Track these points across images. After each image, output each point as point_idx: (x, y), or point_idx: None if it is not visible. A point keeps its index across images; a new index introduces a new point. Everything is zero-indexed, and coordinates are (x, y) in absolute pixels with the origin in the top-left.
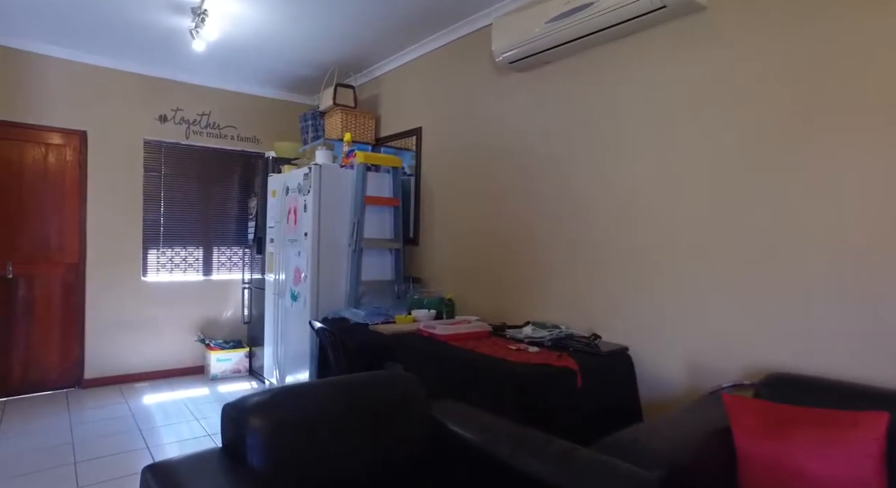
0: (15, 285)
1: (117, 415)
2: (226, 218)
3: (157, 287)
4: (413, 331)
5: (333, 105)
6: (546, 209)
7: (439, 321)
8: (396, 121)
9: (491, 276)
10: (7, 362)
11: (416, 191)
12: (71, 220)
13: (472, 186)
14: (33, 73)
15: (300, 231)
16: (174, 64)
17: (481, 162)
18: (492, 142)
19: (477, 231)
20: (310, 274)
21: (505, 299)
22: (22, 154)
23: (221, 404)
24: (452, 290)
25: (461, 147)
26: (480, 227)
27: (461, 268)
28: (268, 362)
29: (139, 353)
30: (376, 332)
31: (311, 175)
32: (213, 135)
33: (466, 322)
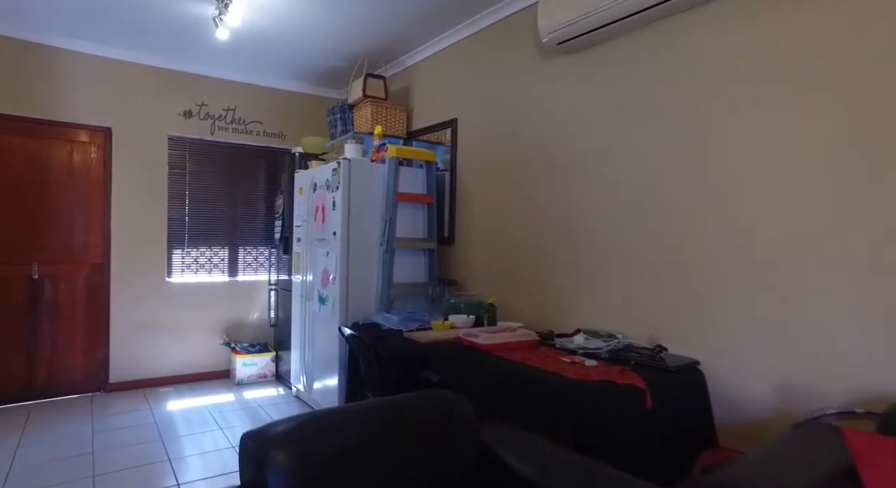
0: (41, 286)
1: (140, 423)
2: (252, 217)
3: (181, 288)
4: (452, 339)
5: (363, 97)
6: (597, 206)
7: (481, 328)
8: (429, 113)
9: (534, 279)
10: (33, 365)
11: (452, 186)
12: (96, 220)
13: (512, 181)
14: (57, 69)
15: (328, 230)
16: (199, 57)
17: (523, 155)
18: (534, 134)
19: (518, 229)
20: (339, 275)
21: (550, 304)
22: (48, 152)
23: (247, 411)
24: (491, 294)
25: (500, 139)
26: (522, 226)
27: (500, 270)
28: (295, 367)
29: (164, 357)
30: (411, 340)
31: (340, 170)
32: (239, 130)
33: (511, 330)
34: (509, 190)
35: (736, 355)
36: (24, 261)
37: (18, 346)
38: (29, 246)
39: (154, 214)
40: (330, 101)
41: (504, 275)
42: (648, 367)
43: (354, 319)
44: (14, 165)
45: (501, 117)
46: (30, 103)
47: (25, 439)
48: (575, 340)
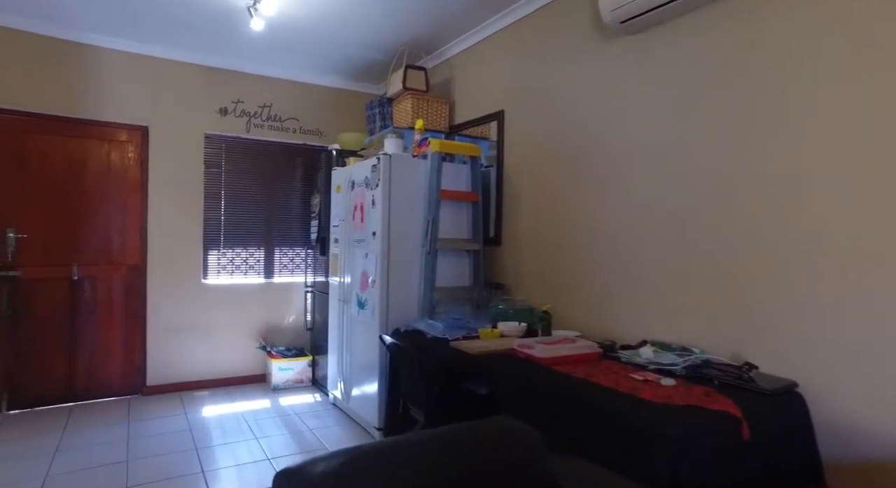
0: (80, 287)
1: (175, 429)
2: (288, 216)
3: (217, 290)
4: (506, 350)
5: (403, 89)
6: (662, 204)
7: (535, 339)
8: (473, 106)
9: (589, 284)
10: (73, 366)
11: (498, 184)
12: (133, 220)
13: (565, 178)
14: (95, 67)
15: (367, 230)
16: (235, 52)
17: (576, 149)
18: (590, 126)
19: (571, 230)
20: (379, 278)
21: (607, 312)
22: (86, 151)
23: (283, 419)
24: (540, 299)
25: (552, 132)
26: (576, 226)
27: (551, 274)
28: (332, 373)
29: (199, 360)
30: (459, 351)
31: (380, 166)
32: (275, 128)
33: (569, 341)
34: (561, 187)
35: (843, 377)
36: (65, 261)
37: (60, 348)
38: (69, 246)
39: (190, 214)
40: (367, 97)
41: (555, 279)
42: (736, 388)
43: (395, 325)
44: (55, 165)
45: (553, 108)
46: (68, 103)
47: (64, 443)
48: (642, 353)
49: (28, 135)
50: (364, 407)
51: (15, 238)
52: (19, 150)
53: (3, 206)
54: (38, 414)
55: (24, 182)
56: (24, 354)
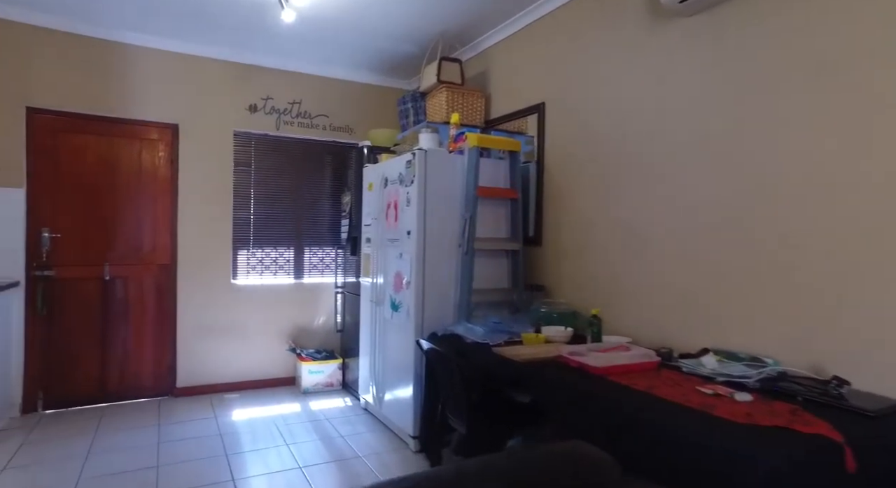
0: (112, 287)
1: (205, 433)
2: (317, 216)
3: (247, 290)
4: (554, 358)
5: (437, 82)
6: (723, 202)
7: (586, 345)
8: (510, 99)
9: (640, 287)
10: (106, 367)
11: (538, 180)
12: (163, 220)
13: (615, 173)
14: (125, 65)
15: (402, 229)
16: (264, 47)
17: (629, 142)
18: (644, 117)
19: (619, 229)
20: (414, 280)
21: (661, 317)
22: (117, 150)
23: (314, 425)
24: (585, 302)
25: (600, 124)
26: (625, 225)
27: (598, 276)
28: (363, 377)
29: (229, 362)
30: (503, 358)
31: (416, 162)
32: (305, 125)
33: (624, 348)
34: (610, 184)
35: None
36: (97, 261)
37: (93, 348)
38: (101, 246)
39: (220, 214)
40: (398, 93)
41: (601, 281)
42: (825, 407)
43: (431, 329)
44: (87, 165)
45: (601, 99)
46: (100, 101)
47: (96, 446)
48: (706, 363)
49: (61, 134)
50: (397, 413)
51: (49, 238)
52: (53, 150)
53: (39, 206)
54: (72, 415)
55: (58, 182)
56: (58, 354)
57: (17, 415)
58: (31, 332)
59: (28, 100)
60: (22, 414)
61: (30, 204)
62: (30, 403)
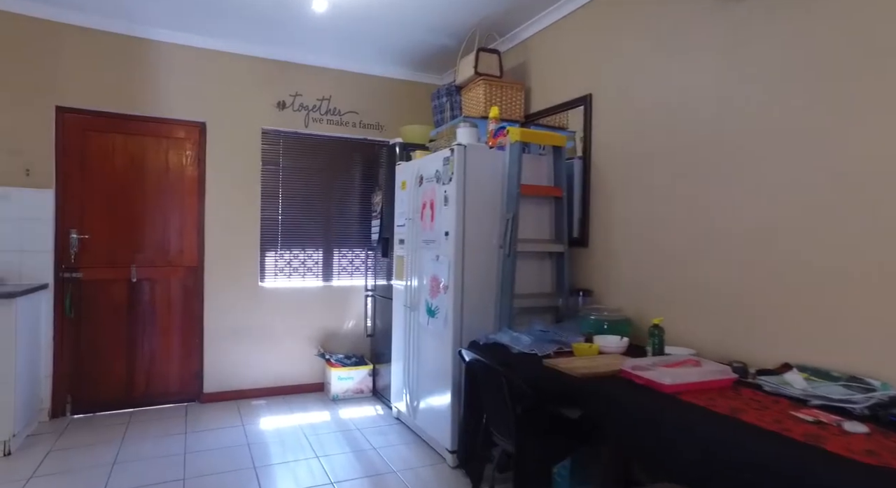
0: (139, 289)
1: (233, 443)
2: (347, 216)
3: (275, 293)
4: (614, 373)
5: (475, 75)
6: (806, 197)
7: (649, 359)
8: (552, 91)
9: (705, 293)
10: (133, 371)
11: (585, 177)
12: (190, 221)
13: (670, 169)
14: (152, 62)
15: (439, 230)
16: (293, 42)
17: (692, 133)
18: (708, 105)
19: (684, 229)
20: (452, 284)
21: (726, 325)
22: (145, 149)
23: (345, 435)
24: (639, 308)
25: (654, 115)
26: (683, 225)
27: (653, 280)
28: (395, 384)
29: (257, 367)
30: (555, 371)
31: (454, 158)
32: (334, 122)
33: (694, 363)
34: (667, 179)
35: None
36: (124, 263)
37: (121, 352)
38: (128, 248)
39: (247, 214)
40: (430, 88)
41: (658, 286)
42: None
43: (471, 336)
44: (114, 165)
45: (656, 86)
46: (128, 100)
47: (122, 454)
48: (793, 382)
49: (89, 134)
50: (433, 425)
51: (77, 239)
52: (81, 150)
53: (67, 207)
54: (99, 420)
55: (86, 182)
56: (86, 358)
57: (46, 420)
58: (59, 335)
59: (57, 99)
60: (51, 418)
61: (58, 205)
62: (58, 407)
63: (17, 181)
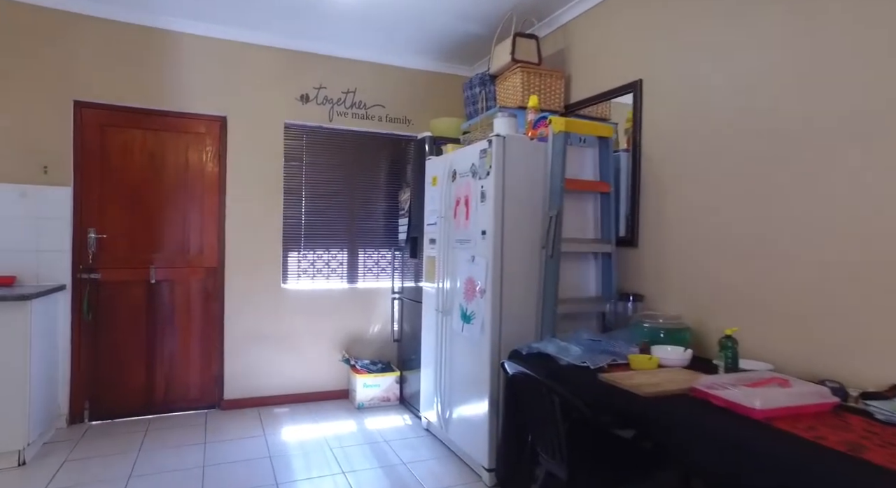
0: (158, 291)
1: (254, 455)
2: (372, 214)
3: (297, 296)
4: (684, 392)
5: (512, 62)
6: None
7: (725, 376)
8: (595, 79)
9: (778, 296)
10: (152, 376)
11: (633, 171)
12: (210, 219)
13: (736, 160)
14: (172, 54)
15: (474, 228)
16: (316, 33)
17: (757, 118)
18: (778, 86)
19: (749, 226)
20: (490, 287)
21: (813, 337)
22: (164, 145)
23: (372, 448)
24: (700, 315)
25: (718, 100)
26: (758, 220)
27: (718, 284)
28: (425, 393)
29: (279, 373)
30: (615, 387)
31: (492, 150)
32: (359, 115)
33: (780, 382)
34: (732, 170)
35: None
36: (143, 264)
37: (139, 356)
38: (147, 248)
39: (269, 212)
40: (459, 81)
41: (723, 291)
42: None
43: (510, 344)
44: (133, 161)
45: (720, 68)
46: (146, 93)
47: (139, 466)
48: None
49: (107, 129)
50: (468, 439)
51: (95, 239)
52: (99, 146)
53: (85, 206)
54: (117, 427)
55: (104, 179)
56: (104, 362)
57: (64, 426)
58: (76, 339)
59: (75, 93)
60: (69, 424)
61: (76, 203)
62: (77, 413)
63: (35, 179)
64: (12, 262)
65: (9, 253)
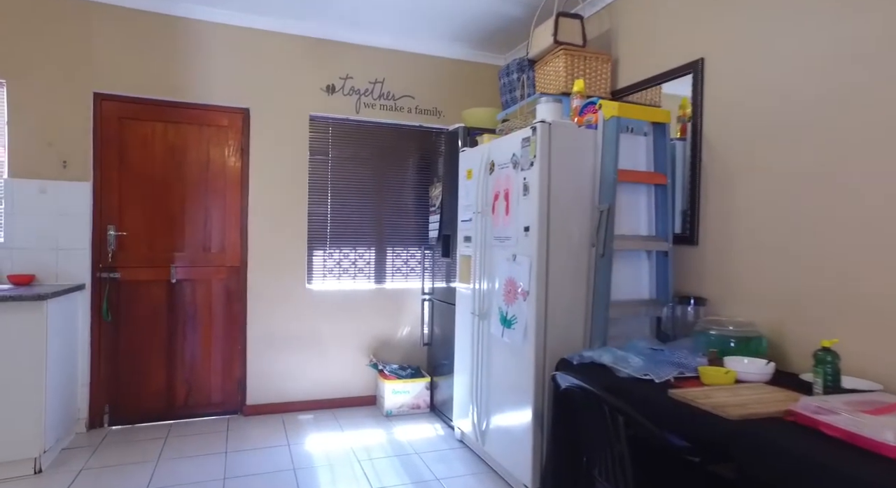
0: (180, 291)
1: (277, 467)
2: (401, 211)
3: (323, 297)
4: (779, 415)
5: (554, 44)
6: None
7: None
8: (646, 61)
9: (883, 301)
10: (173, 380)
11: (694, 160)
12: (233, 216)
13: (829, 143)
14: (193, 43)
15: (515, 224)
16: (343, 19)
17: (858, 94)
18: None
19: (842, 219)
20: (534, 289)
21: None
22: (184, 139)
23: (402, 461)
24: (771, 321)
25: (801, 78)
26: (852, 212)
27: (795, 284)
28: (459, 402)
29: (303, 377)
30: (688, 406)
31: (537, 138)
32: (388, 107)
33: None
34: (817, 158)
35: None
36: (164, 263)
37: (160, 359)
38: (167, 246)
39: (294, 209)
40: (492, 70)
41: (805, 291)
42: None
43: (557, 352)
44: (153, 155)
45: (805, 40)
46: (167, 84)
47: (157, 479)
48: None
49: (127, 122)
50: (508, 455)
51: (115, 236)
52: (119, 140)
53: (104, 202)
54: (137, 433)
55: (123, 174)
56: (125, 365)
57: (84, 431)
58: (96, 340)
59: (95, 85)
60: (88, 429)
61: (95, 199)
62: (96, 418)
63: (54, 174)
64: (32, 261)
65: (28, 251)
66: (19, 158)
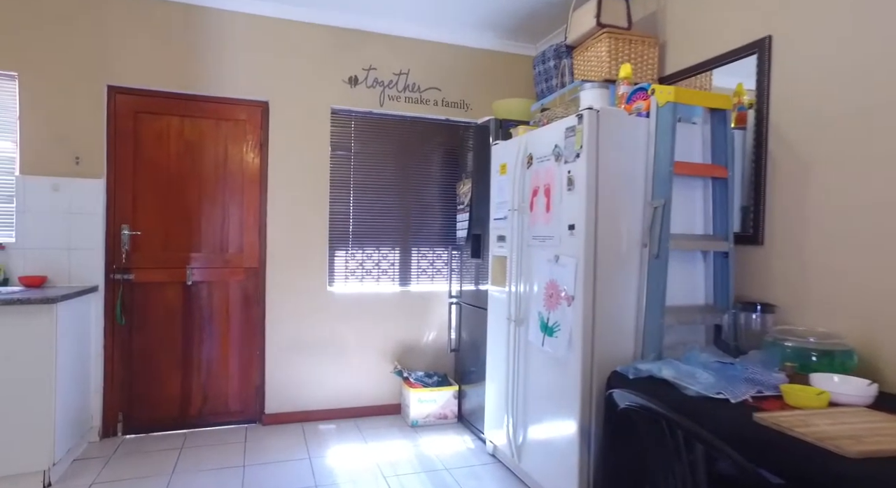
0: (196, 294)
1: (297, 483)
2: (427, 209)
3: (345, 300)
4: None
5: (597, 27)
6: None
7: None
8: (698, 43)
9: None
10: (189, 387)
11: (758, 151)
12: (251, 215)
13: None
14: (210, 33)
15: (558, 222)
16: (366, 7)
17: None
18: None
19: None
20: (580, 293)
21: None
22: (201, 134)
23: (431, 477)
24: (856, 332)
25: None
26: None
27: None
28: (491, 413)
29: (325, 384)
30: (784, 435)
31: (583, 126)
32: (413, 100)
33: None
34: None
35: None
36: (179, 264)
37: (175, 364)
38: (183, 246)
39: (314, 207)
40: (523, 61)
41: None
42: None
43: (606, 364)
44: (170, 151)
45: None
46: (183, 76)
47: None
48: None
49: (142, 116)
50: (550, 475)
51: (129, 236)
52: (133, 135)
53: (118, 200)
54: (151, 443)
55: (138, 171)
56: (139, 371)
57: (97, 440)
58: (109, 345)
59: (109, 78)
60: (101, 438)
61: (109, 197)
62: (110, 426)
63: (67, 170)
64: (44, 261)
65: (40, 251)
66: (31, 154)
